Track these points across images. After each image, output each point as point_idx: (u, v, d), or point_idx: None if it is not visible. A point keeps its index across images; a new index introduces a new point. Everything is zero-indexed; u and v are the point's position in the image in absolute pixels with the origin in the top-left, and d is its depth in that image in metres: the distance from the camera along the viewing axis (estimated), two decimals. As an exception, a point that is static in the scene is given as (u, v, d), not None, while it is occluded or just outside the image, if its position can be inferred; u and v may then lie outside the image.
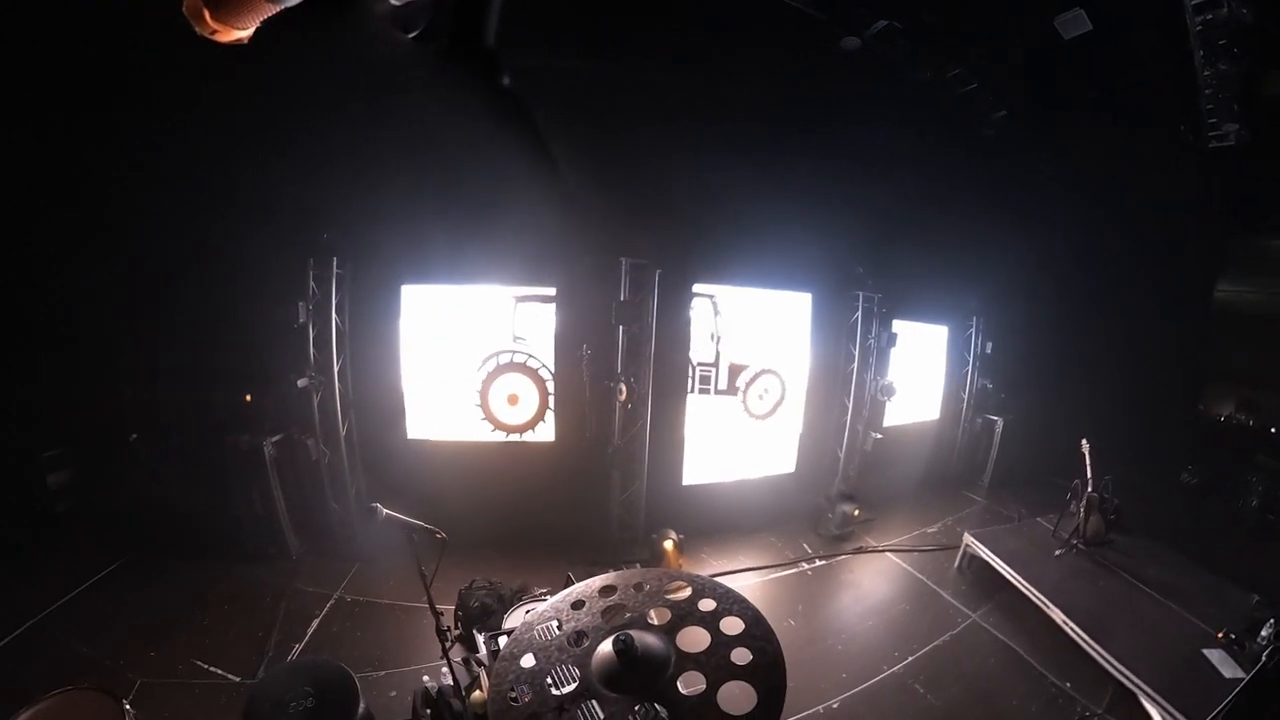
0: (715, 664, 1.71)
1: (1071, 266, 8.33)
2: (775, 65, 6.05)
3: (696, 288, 6.75)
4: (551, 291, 6.32)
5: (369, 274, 6.16)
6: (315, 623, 5.45)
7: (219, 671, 4.85)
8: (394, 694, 4.59)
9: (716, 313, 7.15)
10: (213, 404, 6.19)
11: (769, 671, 1.68)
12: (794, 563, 6.35)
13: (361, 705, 3.32)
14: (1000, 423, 8.35)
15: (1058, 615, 4.94)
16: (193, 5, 1.49)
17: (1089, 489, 5.80)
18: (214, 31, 1.53)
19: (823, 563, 6.39)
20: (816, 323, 7.34)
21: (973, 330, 8.51)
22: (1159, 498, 7.56)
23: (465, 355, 6.46)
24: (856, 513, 6.84)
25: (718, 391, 7.20)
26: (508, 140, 4.60)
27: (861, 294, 7.19)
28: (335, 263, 5.88)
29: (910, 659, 5.02)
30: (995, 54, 6.36)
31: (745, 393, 7.28)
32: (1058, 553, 5.75)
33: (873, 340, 7.21)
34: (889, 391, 7.38)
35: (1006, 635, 5.31)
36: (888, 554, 6.55)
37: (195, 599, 5.60)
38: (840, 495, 6.97)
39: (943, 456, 8.65)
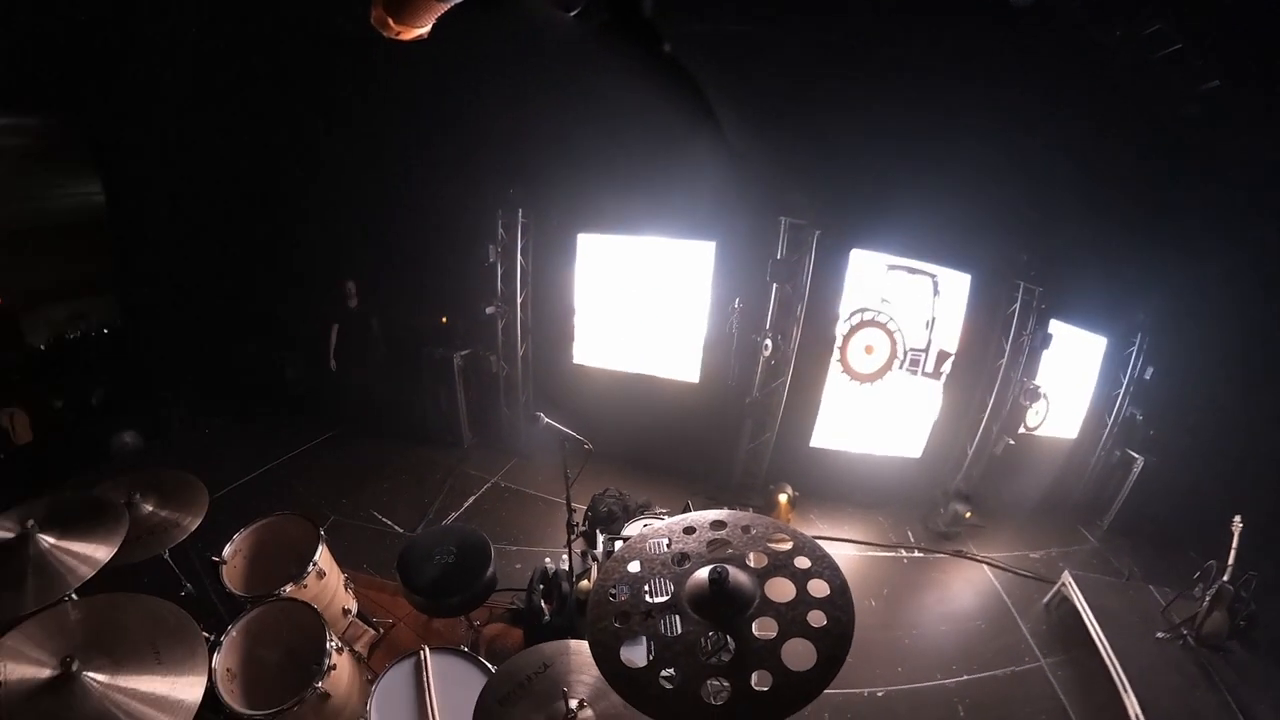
0: (791, 618, 1.57)
1: (1273, 298, 5.93)
2: (941, 25, 4.84)
3: (911, 264, 5.90)
4: (714, 244, 5.95)
5: (549, 223, 6.28)
6: (471, 499, 5.85)
7: (389, 523, 5.45)
8: (519, 566, 4.82)
9: (936, 293, 6.05)
10: (416, 322, 6.85)
11: (836, 641, 1.53)
12: (894, 547, 5.70)
13: (491, 569, 3.45)
14: (1140, 462, 6.23)
15: (1132, 705, 3.72)
16: (379, 17, 1.60)
17: (1225, 578, 4.14)
18: (398, 34, 1.64)
19: (921, 555, 5.65)
20: (972, 308, 6.03)
21: (1135, 349, 6.42)
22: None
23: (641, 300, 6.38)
24: (968, 515, 5.89)
25: (924, 374, 6.21)
26: (672, 102, 4.45)
27: (1023, 284, 5.75)
28: (520, 213, 6.08)
29: (965, 678, 4.32)
30: (1212, 4, 4.41)
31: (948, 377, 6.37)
32: (1160, 635, 4.28)
33: (1027, 337, 5.85)
34: (1033, 397, 6.02)
35: (1067, 697, 4.27)
36: (984, 566, 5.59)
37: (382, 467, 6.31)
38: (957, 493, 6.00)
39: (1068, 481, 6.82)
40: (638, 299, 6.28)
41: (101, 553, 2.59)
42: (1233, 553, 4.17)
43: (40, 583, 2.41)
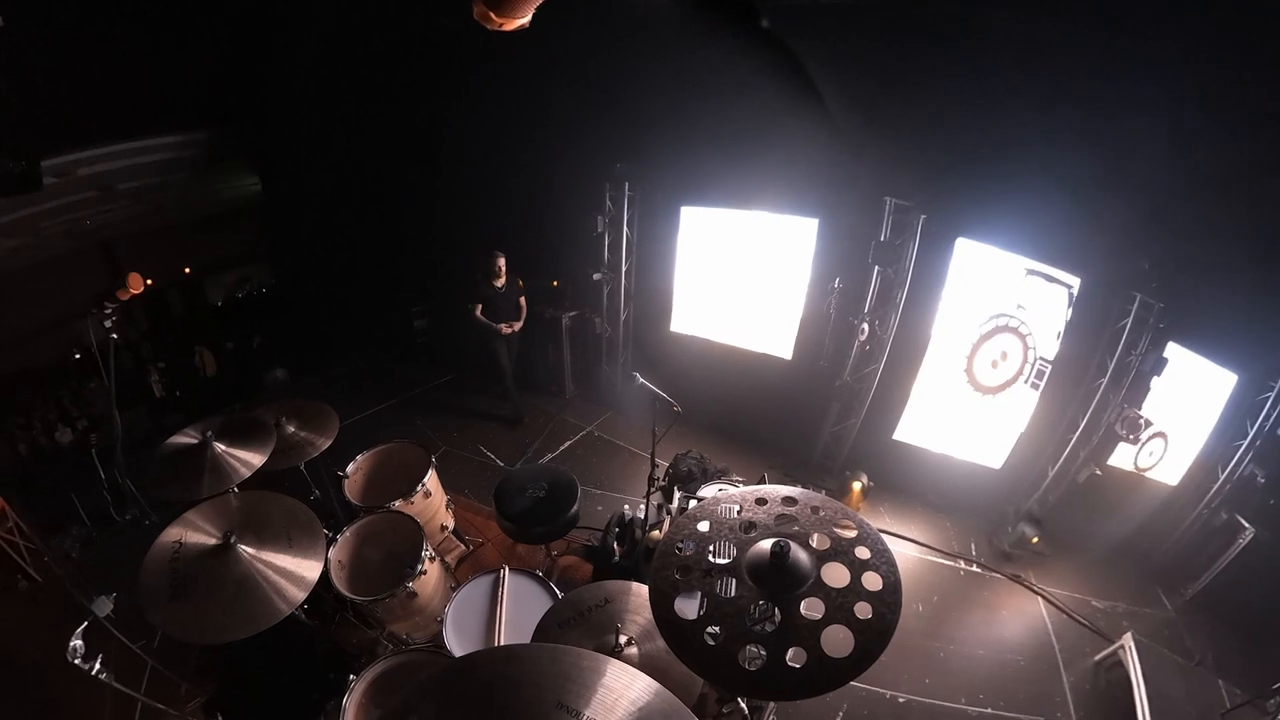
0: (838, 604, 1.52)
1: None
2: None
3: (1050, 271, 4.92)
4: (816, 221, 5.52)
5: (654, 196, 6.17)
6: (567, 444, 6.02)
7: (492, 456, 5.73)
8: (600, 509, 4.91)
9: (1071, 305, 5.09)
10: (530, 285, 6.90)
11: (875, 637, 1.47)
12: (953, 556, 5.06)
13: (575, 507, 3.56)
14: (1249, 534, 4.72)
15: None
16: (481, 13, 1.63)
17: (1315, 699, 3.14)
18: (500, 25, 1.65)
19: (979, 571, 4.96)
20: (1078, 315, 4.93)
21: (1272, 396, 4.79)
22: None
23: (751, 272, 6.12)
24: (1035, 540, 5.06)
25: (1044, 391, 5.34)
26: (773, 77, 4.14)
27: (1139, 297, 4.52)
28: (627, 187, 6.01)
29: (988, 711, 3.77)
30: None
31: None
32: (1214, 738, 3.39)
33: (1135, 358, 4.62)
34: (1132, 428, 4.72)
35: (1091, 774, 3.72)
36: (1040, 599, 4.74)
37: (492, 408, 6.58)
38: (1028, 515, 5.15)
39: (1157, 533, 5.28)
40: (737, 272, 6.05)
41: (256, 459, 3.18)
42: (1337, 671, 3.15)
43: (213, 477, 3.05)
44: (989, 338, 5.21)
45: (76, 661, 2.05)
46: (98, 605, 2.71)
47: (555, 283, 6.93)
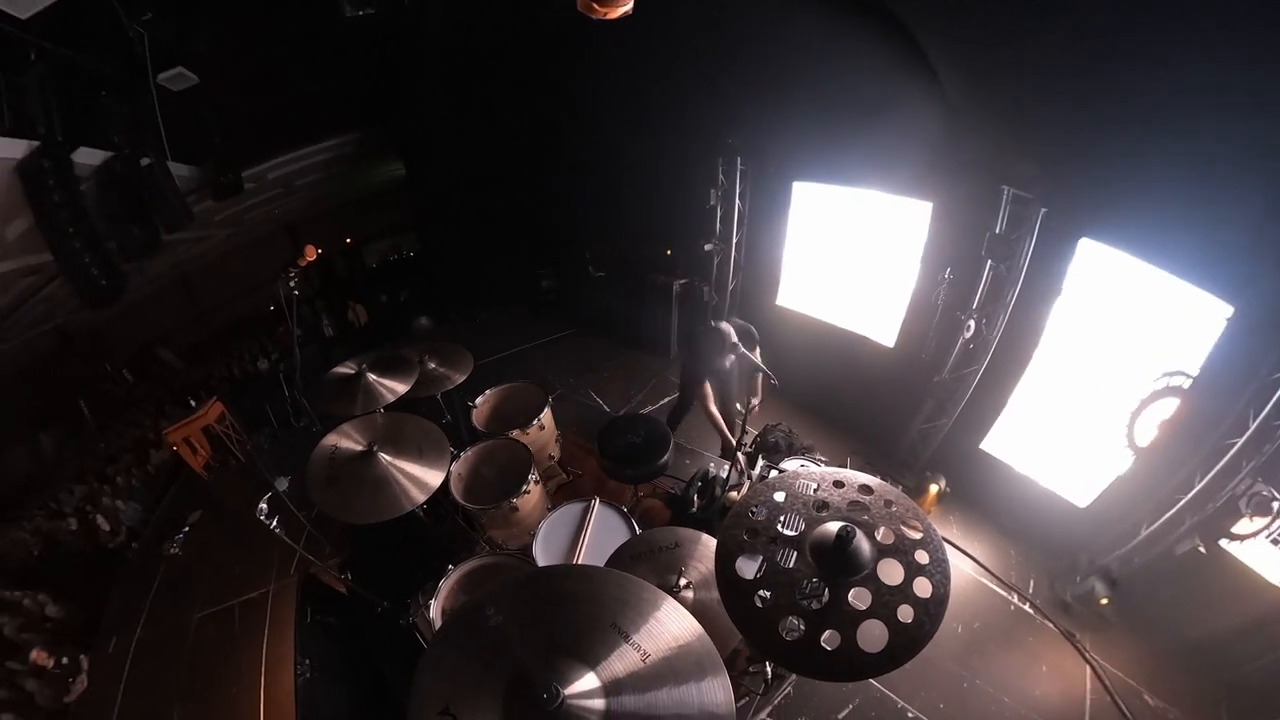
0: (885, 601, 1.46)
1: None
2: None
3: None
4: (930, 205, 4.84)
5: (766, 171, 5.84)
6: (666, 399, 6.05)
7: (600, 402, 6.00)
8: (687, 462, 4.96)
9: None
10: (644, 252, 7.11)
11: (907, 644, 1.40)
12: (1008, 588, 4.25)
13: (667, 455, 3.70)
14: None
15: None
16: (584, 3, 1.62)
17: None
18: (605, 15, 1.62)
19: (1030, 612, 4.06)
20: (1223, 346, 3.45)
21: None
22: None
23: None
24: (1104, 602, 3.97)
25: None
26: (887, 49, 3.65)
27: None
28: (739, 161, 5.74)
29: None
30: None
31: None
32: None
33: None
34: (1260, 509, 3.29)
35: None
36: (1088, 669, 3.73)
37: (603, 360, 6.83)
38: (1103, 571, 4.02)
39: (1246, 647, 3.67)
40: (847, 252, 5.61)
41: (400, 388, 3.59)
42: None
43: (365, 400, 3.49)
44: (1159, 397, 3.89)
45: (261, 519, 2.52)
46: (278, 482, 3.35)
47: (669, 251, 6.91)
